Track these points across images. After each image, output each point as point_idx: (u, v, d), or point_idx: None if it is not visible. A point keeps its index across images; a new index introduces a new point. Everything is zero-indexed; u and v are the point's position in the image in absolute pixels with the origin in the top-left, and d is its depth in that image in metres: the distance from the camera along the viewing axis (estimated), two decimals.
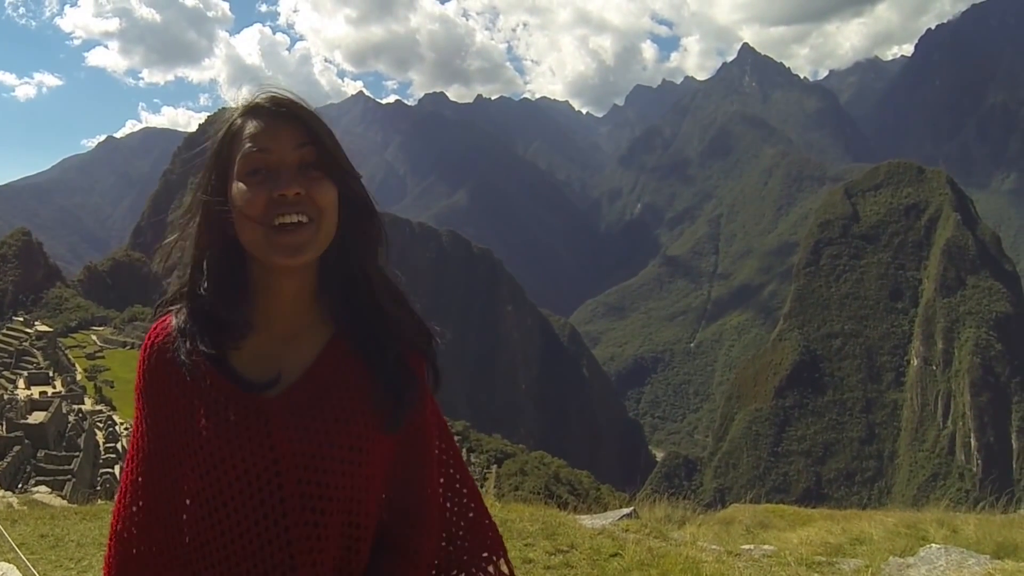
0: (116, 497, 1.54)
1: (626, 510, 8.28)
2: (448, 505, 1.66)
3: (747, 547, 6.54)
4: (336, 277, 1.52)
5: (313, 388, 1.45)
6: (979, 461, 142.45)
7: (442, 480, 1.65)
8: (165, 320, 1.53)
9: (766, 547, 6.56)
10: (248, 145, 1.41)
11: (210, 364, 1.45)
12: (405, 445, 1.54)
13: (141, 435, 1.48)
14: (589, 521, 7.33)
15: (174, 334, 1.49)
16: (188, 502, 1.38)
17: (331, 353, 1.51)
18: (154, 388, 1.48)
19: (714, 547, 6.41)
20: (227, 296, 1.46)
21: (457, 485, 1.69)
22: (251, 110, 1.45)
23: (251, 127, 1.43)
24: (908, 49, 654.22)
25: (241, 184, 1.40)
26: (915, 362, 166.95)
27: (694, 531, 7.49)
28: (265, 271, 1.46)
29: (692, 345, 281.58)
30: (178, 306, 1.52)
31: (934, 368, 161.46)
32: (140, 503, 1.45)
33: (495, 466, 63.00)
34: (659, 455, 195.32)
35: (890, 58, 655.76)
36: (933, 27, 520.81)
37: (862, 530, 7.33)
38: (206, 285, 1.46)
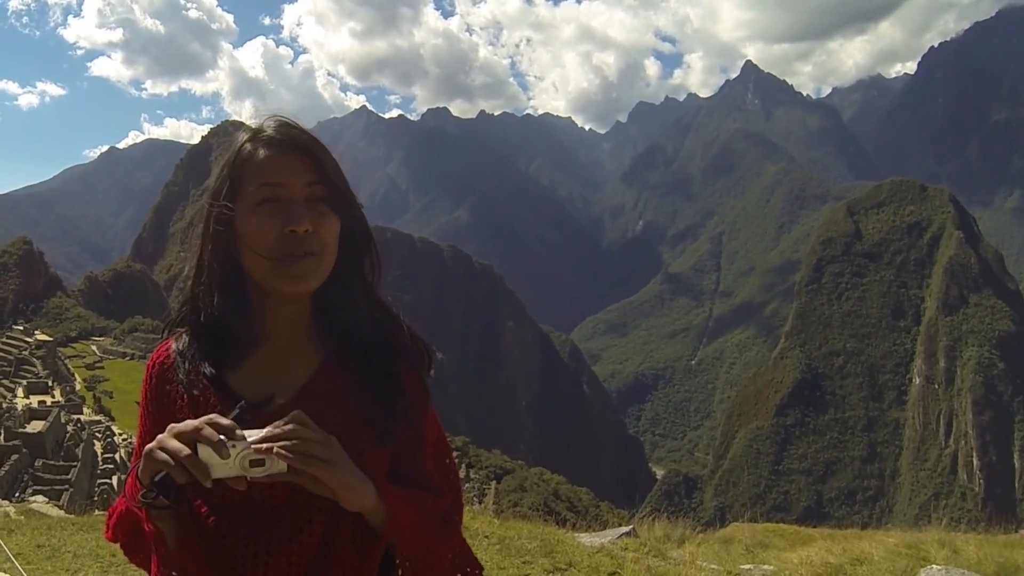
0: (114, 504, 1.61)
1: (625, 528, 8.24)
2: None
3: (747, 567, 6.52)
4: (332, 300, 1.56)
5: (306, 406, 1.45)
6: (981, 481, 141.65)
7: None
8: (168, 344, 1.59)
9: (766, 567, 6.53)
10: (260, 180, 1.45)
11: (208, 382, 1.50)
12: (399, 458, 1.57)
13: (141, 447, 1.51)
14: (588, 539, 7.28)
15: (174, 356, 1.55)
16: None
17: (324, 373, 1.55)
18: (155, 406, 1.54)
19: (713, 566, 6.38)
20: (229, 318, 1.51)
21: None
22: (261, 139, 1.48)
23: (261, 157, 1.46)
24: (911, 67, 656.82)
25: (251, 215, 1.44)
26: (917, 380, 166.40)
27: (693, 550, 7.44)
28: (265, 295, 1.51)
29: (693, 362, 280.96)
30: (181, 329, 1.59)
31: (936, 387, 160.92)
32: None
33: (494, 482, 62.74)
34: (659, 472, 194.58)
35: (893, 76, 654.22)
36: (936, 45, 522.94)
37: (863, 550, 7.28)
38: (210, 306, 1.52)
